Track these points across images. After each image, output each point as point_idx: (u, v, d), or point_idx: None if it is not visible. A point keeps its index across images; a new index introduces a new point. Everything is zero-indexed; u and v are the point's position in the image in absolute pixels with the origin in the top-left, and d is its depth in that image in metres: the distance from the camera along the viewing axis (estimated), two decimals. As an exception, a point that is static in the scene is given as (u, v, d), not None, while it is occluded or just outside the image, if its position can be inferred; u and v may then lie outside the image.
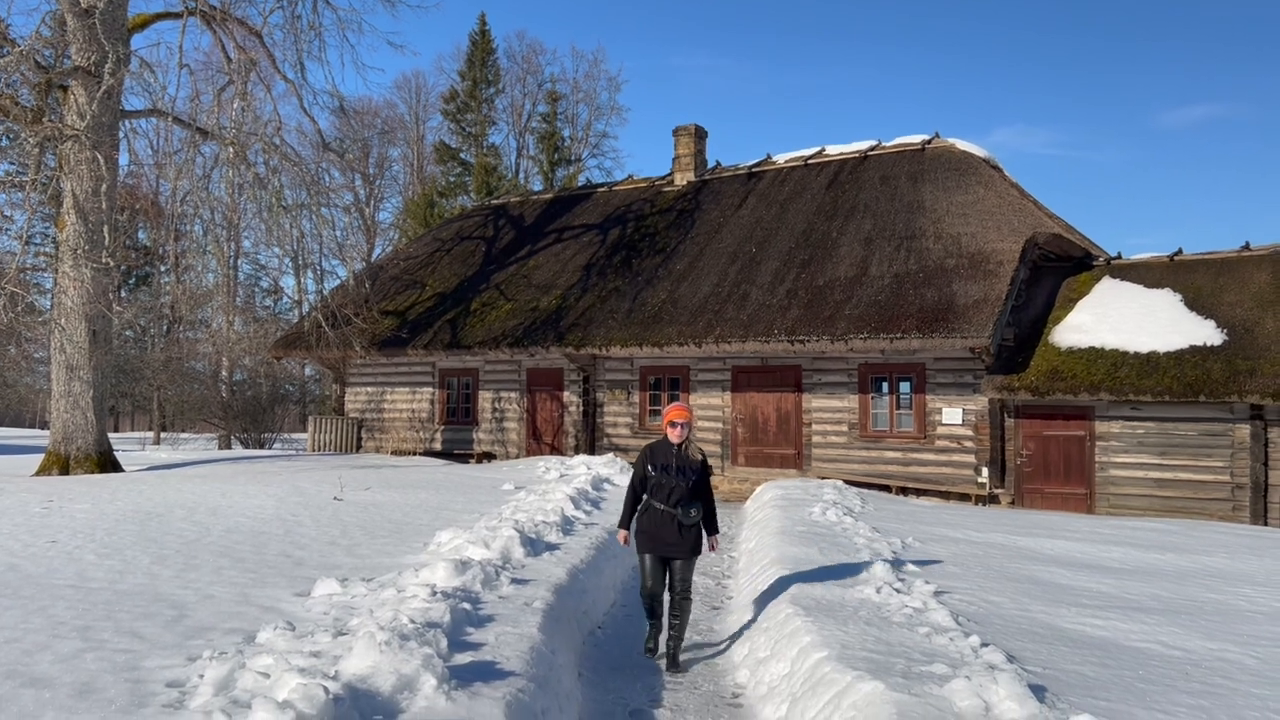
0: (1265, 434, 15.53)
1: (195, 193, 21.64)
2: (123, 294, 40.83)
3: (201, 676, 4.83)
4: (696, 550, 7.04)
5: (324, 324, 21.90)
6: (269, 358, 30.39)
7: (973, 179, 20.12)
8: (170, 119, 19.57)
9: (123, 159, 20.31)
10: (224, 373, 37.98)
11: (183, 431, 41.27)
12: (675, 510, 6.88)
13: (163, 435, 39.88)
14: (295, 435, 38.74)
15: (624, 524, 7.18)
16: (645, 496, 7.02)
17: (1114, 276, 18.27)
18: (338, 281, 37.65)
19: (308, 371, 44.09)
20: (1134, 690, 5.39)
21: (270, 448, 32.53)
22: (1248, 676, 5.85)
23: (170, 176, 22.30)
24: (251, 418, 33.78)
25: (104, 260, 17.80)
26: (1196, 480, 15.90)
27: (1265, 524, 15.31)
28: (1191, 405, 15.79)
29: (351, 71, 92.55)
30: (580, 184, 38.08)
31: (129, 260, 37.96)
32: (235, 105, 19.74)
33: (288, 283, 50.71)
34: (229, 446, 33.86)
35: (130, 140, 20.19)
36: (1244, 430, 15.55)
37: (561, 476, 16.16)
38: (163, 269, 46.28)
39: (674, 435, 7.02)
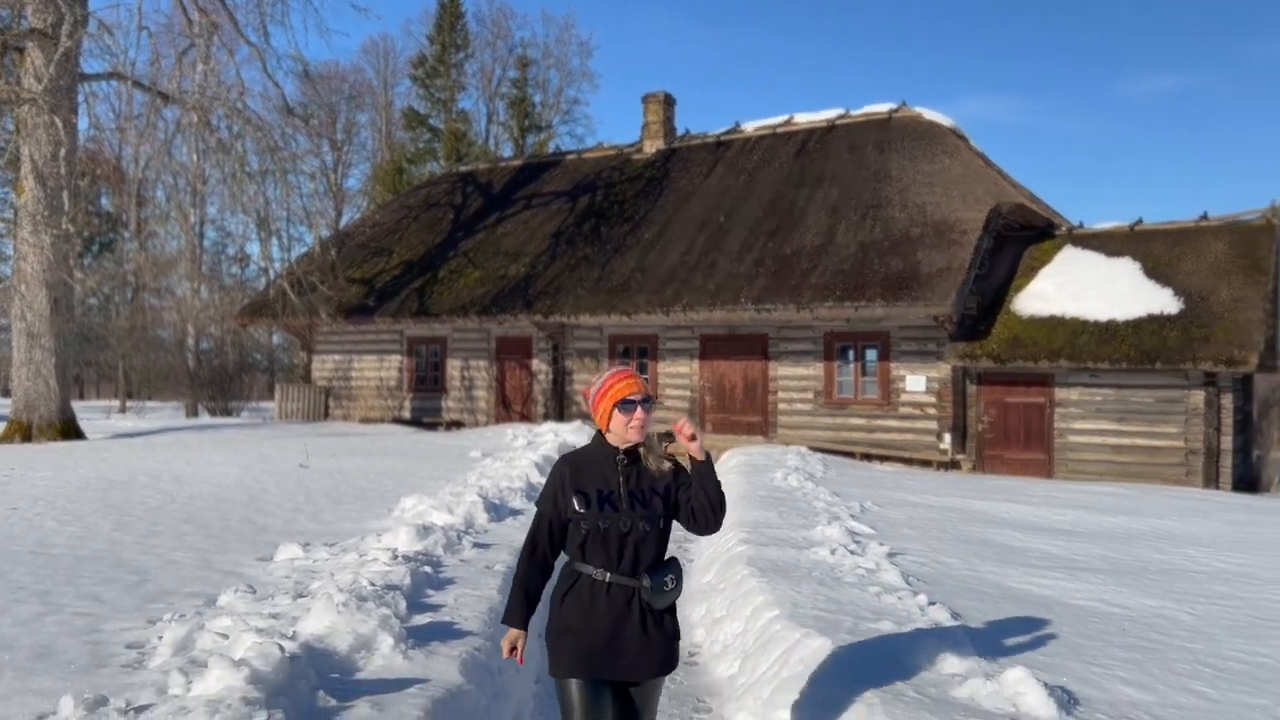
0: (1218, 400, 15.88)
1: (158, 158, 21.38)
2: (85, 261, 40.27)
3: (160, 638, 4.91)
4: (671, 660, 3.52)
5: (290, 291, 21.77)
6: (235, 325, 30.16)
7: (938, 148, 20.25)
8: (131, 83, 19.30)
9: (82, 123, 20.00)
10: (190, 341, 37.68)
11: (149, 400, 40.90)
12: (634, 581, 3.40)
13: (128, 403, 39.52)
14: (263, 403, 38.53)
15: (514, 618, 3.50)
16: (568, 561, 3.50)
17: (1075, 245, 18.51)
18: (304, 249, 37.36)
19: (275, 339, 43.78)
20: (1071, 645, 5.59)
21: (237, 416, 32.37)
22: (1183, 631, 6.08)
23: (132, 141, 22.01)
24: (218, 386, 33.57)
25: (64, 226, 17.60)
26: (1152, 446, 16.24)
27: (1216, 488, 15.70)
28: (1148, 373, 16.10)
29: (315, 36, 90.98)
30: (551, 151, 37.87)
31: (90, 226, 37.40)
32: (198, 69, 19.51)
33: (253, 249, 50.20)
34: (195, 415, 33.66)
35: (90, 104, 19.90)
36: (1198, 397, 15.88)
37: (528, 444, 16.27)
38: (126, 235, 45.64)
39: (631, 427, 3.44)
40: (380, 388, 25.03)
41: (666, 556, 3.53)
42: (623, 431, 3.46)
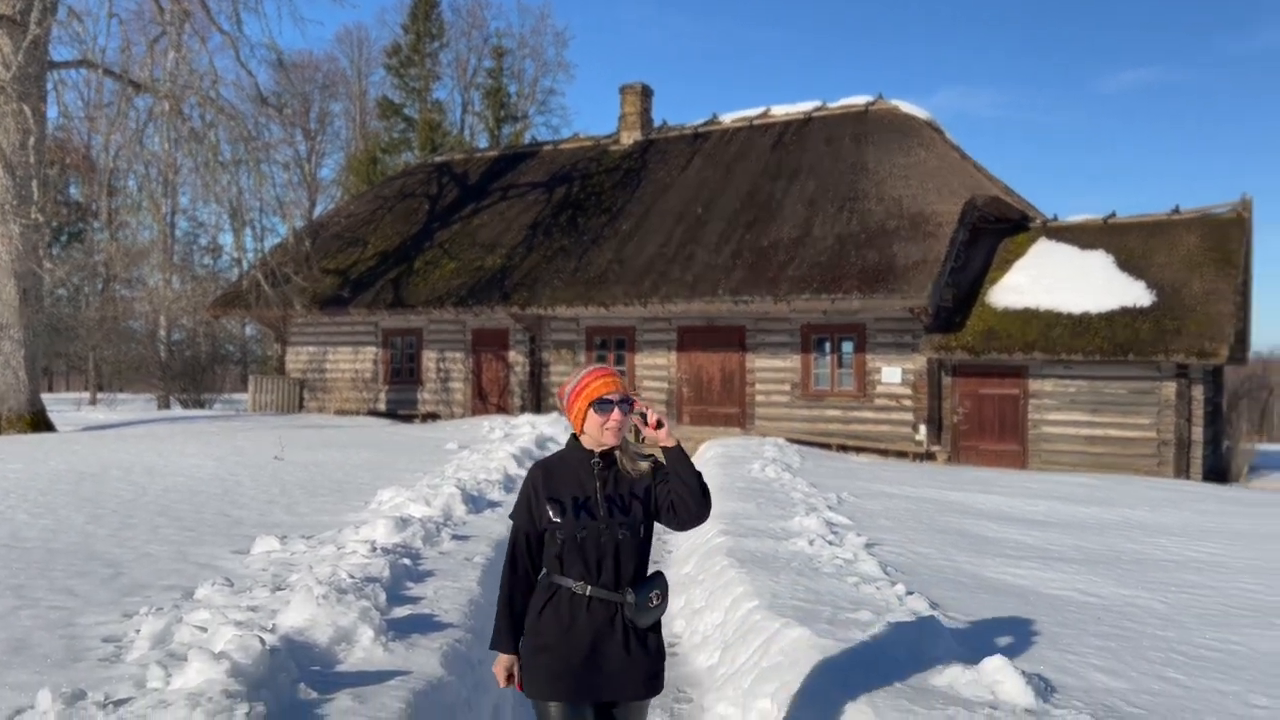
0: (1189, 392, 16.07)
1: (129, 147, 21.08)
2: (54, 251, 39.74)
3: (138, 632, 4.85)
4: (657, 681, 3.28)
5: (263, 282, 21.58)
6: (208, 316, 29.86)
7: (914, 141, 20.35)
8: (101, 70, 19.05)
9: (51, 111, 19.73)
10: (162, 332, 37.25)
11: (120, 392, 40.42)
12: (616, 596, 3.19)
13: (99, 396, 39.05)
14: (236, 395, 38.20)
15: (503, 643, 3.30)
16: (545, 572, 3.28)
17: (1050, 238, 18.66)
18: (278, 239, 37.01)
19: (248, 331, 43.35)
20: (1047, 633, 5.66)
21: (210, 408, 32.08)
22: (1155, 620, 6.16)
23: (102, 130, 21.72)
24: (190, 378, 33.23)
25: (33, 216, 17.35)
26: (1125, 437, 16.43)
27: (1187, 478, 15.91)
28: (1121, 364, 16.27)
29: (290, 24, 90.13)
30: (526, 141, 37.74)
31: (60, 216, 36.90)
32: (169, 57, 19.25)
33: (226, 240, 49.65)
34: (167, 407, 33.31)
35: (59, 92, 19.63)
36: (1170, 388, 16.07)
37: (505, 436, 16.24)
38: (96, 225, 45.04)
39: (607, 430, 3.22)
40: (355, 380, 24.89)
41: (651, 570, 3.30)
42: (597, 434, 3.23)
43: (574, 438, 3.31)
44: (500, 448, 13.82)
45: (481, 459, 12.70)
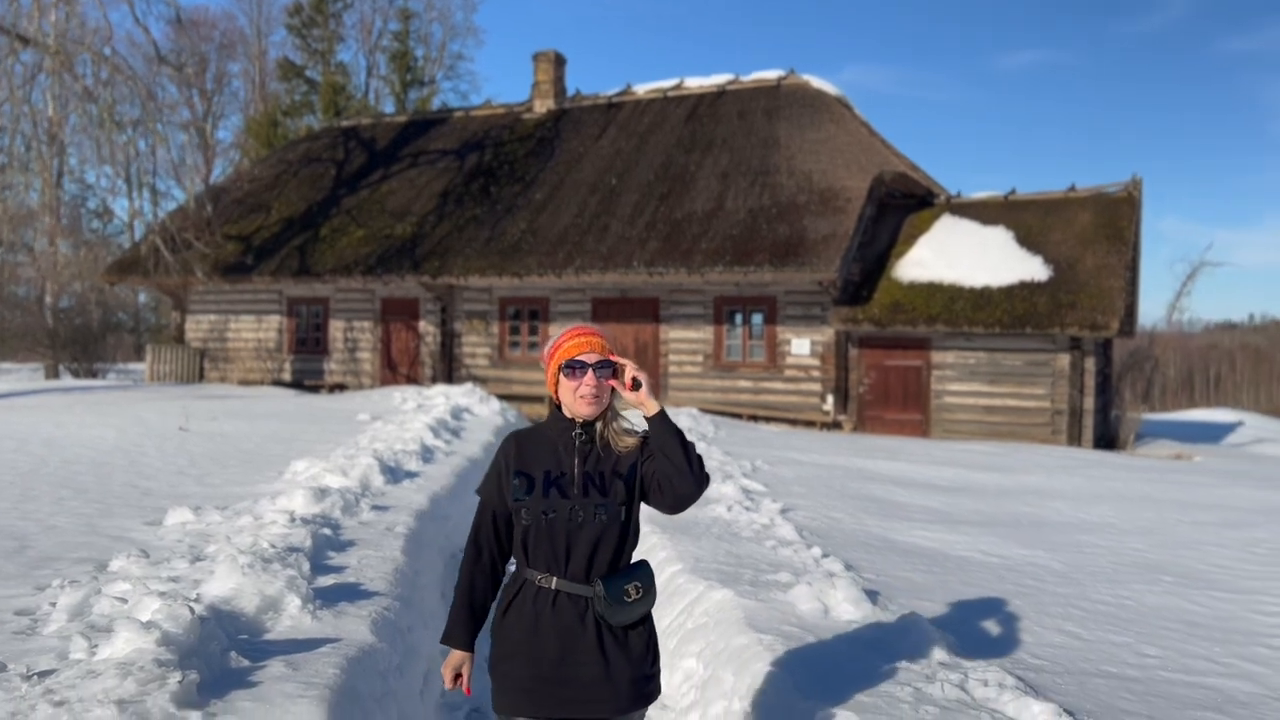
0: (1082, 363, 16.82)
1: (15, 104, 20.01)
2: (-70, 212, 37.51)
3: (53, 604, 4.73)
4: (645, 690, 2.83)
5: (163, 248, 20.83)
6: (101, 283, 28.68)
7: (825, 116, 20.68)
8: (-16, 21, 18.00)
9: (-72, 63, 18.56)
10: (49, 299, 35.62)
11: (2, 361, 38.61)
12: (587, 589, 2.76)
13: (-19, 365, 37.21)
14: (131, 365, 36.83)
15: (456, 637, 2.87)
16: (514, 563, 2.89)
17: (953, 214, 19.22)
18: (174, 204, 35.68)
19: (142, 299, 41.82)
20: (955, 592, 5.94)
21: (104, 378, 30.87)
22: (1054, 578, 6.51)
23: (-16, 85, 20.54)
24: (81, 346, 31.88)
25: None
26: (1021, 406, 17.13)
27: (1079, 446, 16.68)
28: (1019, 336, 16.93)
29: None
30: (435, 107, 37.08)
31: (-63, 176, 34.84)
32: (59, 10, 18.31)
33: (121, 205, 47.57)
34: (57, 376, 31.94)
35: (-64, 43, 18.45)
36: (1064, 360, 16.80)
37: (419, 406, 16.07)
38: (-25, 186, 42.64)
39: (580, 397, 2.79)
40: (259, 349, 24.26)
41: (635, 559, 2.87)
42: (571, 402, 2.80)
43: (555, 407, 2.89)
44: (415, 418, 13.69)
45: (397, 430, 12.56)
